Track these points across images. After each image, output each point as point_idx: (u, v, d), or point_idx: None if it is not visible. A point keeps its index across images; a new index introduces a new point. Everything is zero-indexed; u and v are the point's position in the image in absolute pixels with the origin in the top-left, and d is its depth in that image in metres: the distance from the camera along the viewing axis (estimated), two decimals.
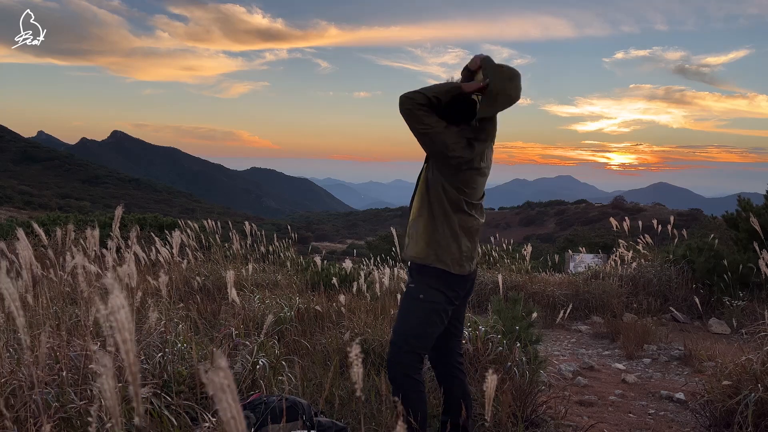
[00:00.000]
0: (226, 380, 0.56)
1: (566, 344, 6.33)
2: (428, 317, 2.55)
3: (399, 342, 2.54)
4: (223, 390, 0.55)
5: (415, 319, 2.54)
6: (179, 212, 76.90)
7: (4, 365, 2.35)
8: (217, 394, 0.55)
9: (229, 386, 0.56)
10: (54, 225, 9.31)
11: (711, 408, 3.36)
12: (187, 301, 5.08)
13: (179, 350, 2.94)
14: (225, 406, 0.56)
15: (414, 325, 2.55)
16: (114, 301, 0.64)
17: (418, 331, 2.55)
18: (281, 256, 8.73)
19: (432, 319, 2.56)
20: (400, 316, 2.59)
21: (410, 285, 2.57)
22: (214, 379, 0.55)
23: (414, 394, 2.53)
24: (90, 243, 2.82)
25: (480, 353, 3.57)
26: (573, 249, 15.37)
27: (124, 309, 0.65)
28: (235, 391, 0.57)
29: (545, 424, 3.30)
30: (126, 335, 0.65)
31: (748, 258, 7.57)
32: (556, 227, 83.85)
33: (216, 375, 0.55)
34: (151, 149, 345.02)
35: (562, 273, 10.48)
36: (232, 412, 0.56)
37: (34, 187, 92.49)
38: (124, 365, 0.66)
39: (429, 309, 2.54)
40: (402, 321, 2.57)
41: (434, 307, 2.55)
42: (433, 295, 2.54)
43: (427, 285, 2.54)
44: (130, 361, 0.65)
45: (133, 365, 0.65)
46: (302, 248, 12.22)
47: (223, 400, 0.56)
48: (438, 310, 2.56)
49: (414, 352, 2.55)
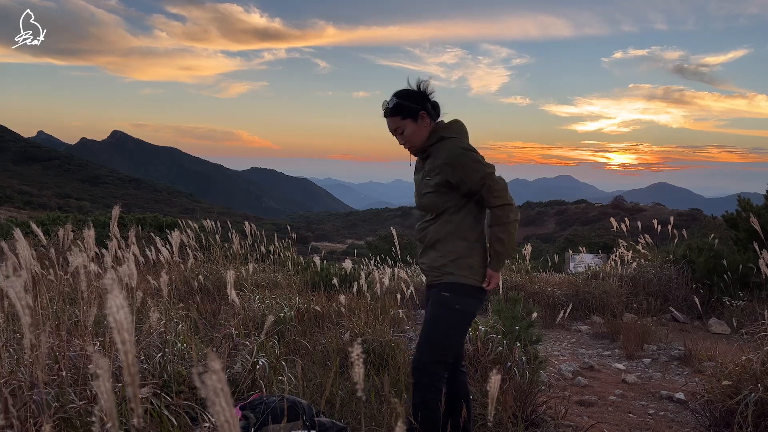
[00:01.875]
0: (220, 383, 0.55)
1: (566, 344, 6.33)
2: (461, 327, 2.55)
3: (431, 351, 2.50)
4: (216, 393, 0.55)
5: (449, 329, 2.51)
6: (179, 212, 76.89)
7: (4, 365, 2.35)
8: (210, 397, 0.55)
9: (222, 389, 0.55)
10: (53, 225, 9.31)
11: (711, 408, 3.36)
12: (187, 301, 5.08)
13: (179, 350, 2.93)
14: (218, 409, 0.55)
15: (449, 335, 2.52)
16: (113, 300, 0.64)
17: (453, 341, 2.54)
18: (281, 256, 8.72)
19: (464, 329, 2.59)
20: (432, 325, 2.52)
21: (444, 293, 2.51)
22: (208, 382, 0.55)
23: (434, 403, 2.50)
24: (87, 243, 2.82)
25: (480, 353, 3.57)
26: (573, 249, 15.37)
27: (123, 309, 0.64)
28: (229, 393, 0.56)
29: (545, 424, 3.30)
30: (125, 335, 0.64)
31: (748, 258, 7.57)
32: (556, 227, 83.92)
33: (209, 378, 0.55)
34: (151, 149, 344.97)
35: (562, 273, 10.48)
36: (226, 415, 0.56)
37: (34, 187, 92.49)
38: (123, 366, 0.66)
39: (463, 319, 2.53)
40: (435, 330, 2.51)
41: (468, 318, 2.55)
42: (468, 304, 2.52)
43: (463, 294, 2.51)
44: (128, 362, 0.65)
45: (131, 366, 0.65)
46: (302, 248, 12.22)
47: (216, 404, 0.55)
48: (470, 319, 2.58)
49: (443, 362, 2.53)
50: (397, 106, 2.52)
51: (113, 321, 0.64)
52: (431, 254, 2.56)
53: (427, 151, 2.58)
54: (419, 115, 2.52)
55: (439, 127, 2.58)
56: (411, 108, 2.51)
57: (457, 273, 2.50)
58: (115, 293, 0.64)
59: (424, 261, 2.61)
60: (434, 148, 2.55)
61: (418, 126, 2.53)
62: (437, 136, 2.54)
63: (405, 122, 2.52)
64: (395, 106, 2.52)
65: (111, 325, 0.64)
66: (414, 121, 2.52)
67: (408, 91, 2.56)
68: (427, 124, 2.55)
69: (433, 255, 2.55)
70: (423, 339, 2.54)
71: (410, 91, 2.56)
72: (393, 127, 2.55)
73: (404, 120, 2.52)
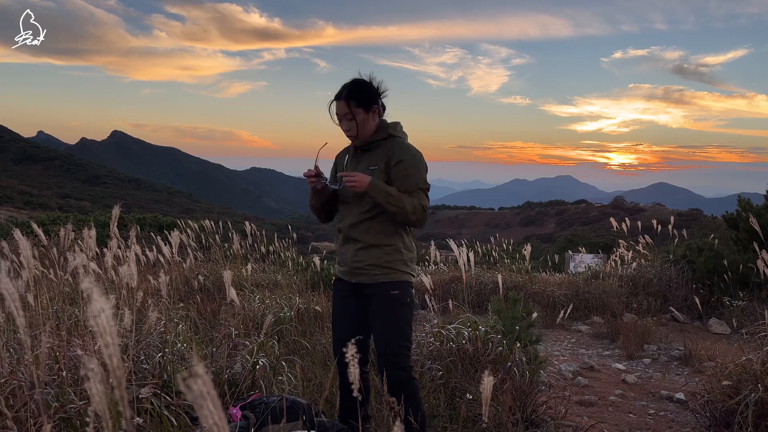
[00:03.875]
0: (205, 387, 0.55)
1: (566, 344, 6.33)
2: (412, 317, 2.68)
3: (400, 345, 2.57)
4: (203, 397, 0.55)
5: (407, 322, 2.61)
6: (179, 212, 76.90)
7: (4, 365, 2.35)
8: (197, 401, 0.55)
9: (209, 393, 0.55)
10: (54, 225, 9.31)
11: (711, 408, 3.36)
12: (187, 301, 5.08)
13: (179, 350, 2.94)
14: (206, 413, 0.55)
15: (408, 327, 2.62)
16: (95, 305, 0.63)
17: (409, 332, 2.64)
18: (281, 256, 8.72)
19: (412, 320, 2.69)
20: (390, 322, 2.58)
21: (393, 292, 2.57)
22: (193, 387, 0.54)
23: (418, 393, 2.64)
24: (87, 243, 2.82)
25: (480, 353, 3.57)
26: (573, 249, 15.37)
27: (104, 312, 0.64)
28: (216, 396, 0.56)
29: (545, 425, 3.30)
30: (108, 339, 0.64)
31: (748, 258, 7.57)
32: (556, 227, 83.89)
33: (195, 382, 0.55)
34: (151, 149, 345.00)
35: (562, 273, 10.48)
36: (215, 418, 0.56)
37: (34, 187, 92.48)
38: (127, 365, 0.66)
39: (412, 309, 2.66)
40: (395, 325, 2.58)
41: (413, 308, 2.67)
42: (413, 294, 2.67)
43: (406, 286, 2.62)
44: (114, 365, 0.65)
45: (117, 369, 0.65)
46: (302, 248, 12.21)
47: (204, 407, 0.55)
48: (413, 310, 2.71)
49: (409, 354, 2.63)
50: (356, 91, 2.55)
51: (96, 325, 0.64)
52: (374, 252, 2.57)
53: (371, 144, 2.61)
54: (372, 108, 2.56)
55: (388, 124, 2.64)
56: (367, 97, 2.55)
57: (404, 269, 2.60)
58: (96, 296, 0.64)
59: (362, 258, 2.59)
60: (383, 143, 2.59)
61: (368, 117, 2.56)
62: (386, 133, 2.60)
63: (358, 110, 2.54)
64: (353, 91, 2.55)
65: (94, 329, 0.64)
66: (366, 112, 2.55)
67: (367, 82, 2.61)
68: (376, 119, 2.60)
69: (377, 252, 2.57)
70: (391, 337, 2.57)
71: (369, 83, 2.61)
72: (343, 112, 2.55)
73: (357, 107, 2.54)
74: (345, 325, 2.70)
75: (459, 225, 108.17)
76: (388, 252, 2.56)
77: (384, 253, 2.55)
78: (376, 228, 2.56)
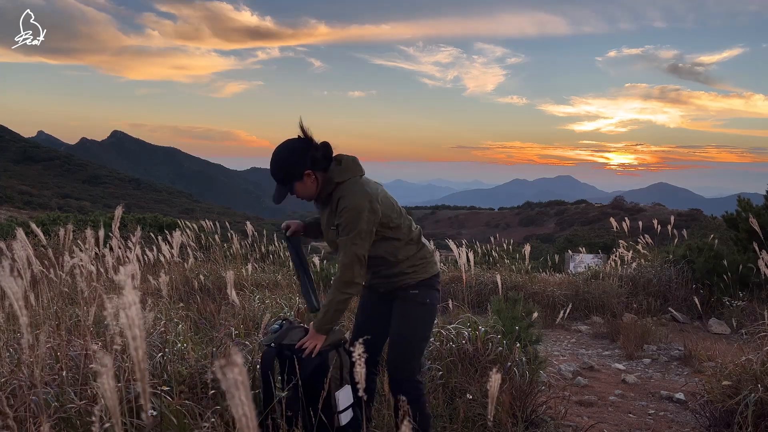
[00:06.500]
0: (240, 376, 0.55)
1: (566, 344, 6.33)
2: (432, 319, 2.66)
3: (411, 347, 2.58)
4: (237, 386, 0.55)
5: (424, 324, 2.61)
6: (179, 212, 76.89)
7: (4, 365, 2.35)
8: (230, 389, 0.55)
9: (243, 383, 0.55)
10: (54, 225, 9.31)
11: (711, 408, 3.36)
12: (187, 301, 5.08)
13: (179, 350, 2.94)
14: (237, 402, 0.55)
15: (421, 329, 2.61)
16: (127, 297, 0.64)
17: (426, 335, 2.65)
18: (281, 256, 8.72)
19: (434, 321, 2.68)
20: (406, 323, 2.59)
21: (412, 292, 2.58)
22: (229, 375, 0.55)
23: (424, 397, 2.62)
24: (90, 243, 2.82)
25: (480, 353, 3.57)
26: (573, 249, 15.37)
27: (135, 305, 0.65)
28: (249, 387, 0.57)
29: (545, 424, 3.30)
30: (136, 332, 0.65)
31: (748, 258, 7.57)
32: (556, 227, 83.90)
33: (230, 371, 0.55)
34: (150, 149, 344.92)
35: (562, 273, 10.48)
36: (244, 409, 0.56)
37: (34, 187, 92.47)
38: (127, 365, 0.66)
39: (433, 311, 2.63)
40: (411, 327, 2.59)
41: (434, 310, 2.65)
42: (434, 296, 2.64)
43: (428, 287, 2.61)
44: (138, 358, 0.65)
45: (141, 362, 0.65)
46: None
47: (236, 397, 0.55)
48: (436, 310, 2.67)
49: (420, 357, 2.63)
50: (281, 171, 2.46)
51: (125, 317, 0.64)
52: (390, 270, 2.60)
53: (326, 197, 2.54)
54: (303, 174, 2.45)
55: (333, 173, 2.50)
56: (291, 172, 2.45)
57: (424, 269, 2.61)
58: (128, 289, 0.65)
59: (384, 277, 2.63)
60: (334, 193, 2.49)
61: (306, 183, 2.47)
62: (333, 183, 2.49)
63: (294, 185, 2.47)
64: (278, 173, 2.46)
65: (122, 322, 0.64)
66: (300, 181, 2.46)
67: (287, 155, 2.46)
68: (314, 179, 2.48)
69: (392, 270, 2.59)
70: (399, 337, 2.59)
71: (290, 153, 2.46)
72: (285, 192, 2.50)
73: (292, 182, 2.47)
74: (364, 327, 2.73)
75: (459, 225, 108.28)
76: (402, 260, 2.58)
77: (401, 264, 2.58)
78: (379, 260, 2.57)
